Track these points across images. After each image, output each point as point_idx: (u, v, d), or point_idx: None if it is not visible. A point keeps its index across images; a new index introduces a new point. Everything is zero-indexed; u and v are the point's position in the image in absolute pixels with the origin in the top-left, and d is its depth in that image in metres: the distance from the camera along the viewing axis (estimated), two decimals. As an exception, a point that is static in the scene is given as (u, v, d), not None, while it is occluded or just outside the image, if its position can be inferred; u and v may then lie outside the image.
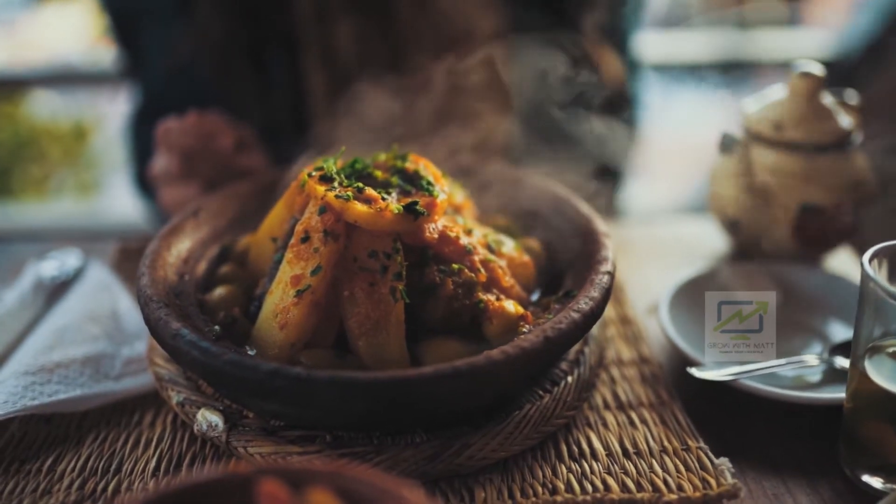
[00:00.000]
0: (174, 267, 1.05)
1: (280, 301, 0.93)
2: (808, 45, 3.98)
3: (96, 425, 1.01)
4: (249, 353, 0.93)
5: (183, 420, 1.00)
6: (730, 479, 0.89)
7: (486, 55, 1.59)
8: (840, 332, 1.18)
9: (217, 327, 0.94)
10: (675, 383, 1.08)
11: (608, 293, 0.97)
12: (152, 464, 0.94)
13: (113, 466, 0.94)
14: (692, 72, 4.12)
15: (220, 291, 1.03)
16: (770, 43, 4.13)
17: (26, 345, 1.11)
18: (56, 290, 1.28)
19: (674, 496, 0.87)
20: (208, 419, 0.93)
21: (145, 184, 1.83)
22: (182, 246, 1.09)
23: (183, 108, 1.41)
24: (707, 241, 1.50)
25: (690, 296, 1.20)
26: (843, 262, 1.41)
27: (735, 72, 4.29)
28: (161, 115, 1.73)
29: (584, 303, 0.93)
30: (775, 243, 1.31)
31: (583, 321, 0.91)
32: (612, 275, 0.99)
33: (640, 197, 2.43)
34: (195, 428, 0.94)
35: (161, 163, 1.35)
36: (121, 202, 3.82)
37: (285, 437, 0.91)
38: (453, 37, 1.70)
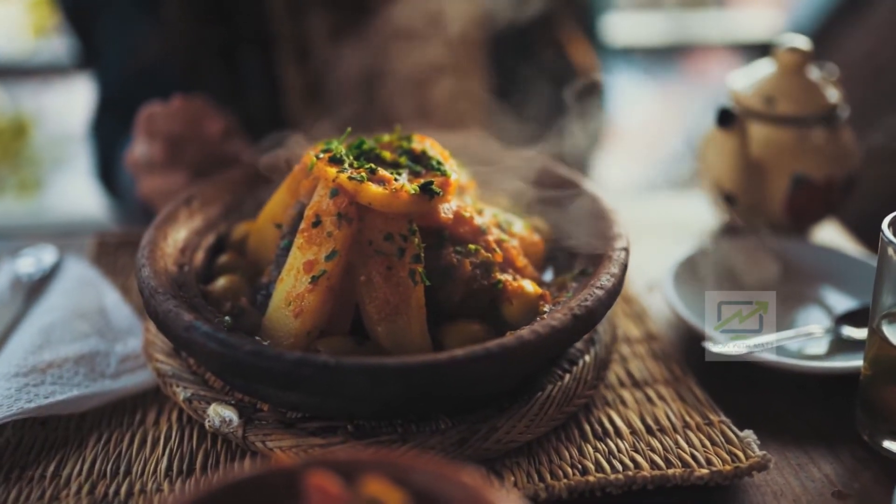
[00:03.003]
0: (172, 258, 1.00)
1: (293, 288, 0.89)
2: (756, 25, 4.06)
3: (97, 426, 0.96)
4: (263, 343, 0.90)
5: (190, 416, 0.96)
6: (758, 451, 0.89)
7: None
8: (838, 301, 1.19)
9: (228, 318, 0.90)
10: (683, 359, 1.08)
11: (626, 269, 0.96)
12: (164, 463, 0.89)
13: (122, 468, 0.89)
14: (635, 54, 4.17)
15: (222, 282, 0.99)
16: (715, 25, 4.21)
17: (11, 345, 1.05)
18: (34, 288, 1.21)
19: (705, 471, 0.86)
20: (221, 414, 0.89)
21: (110, 179, 1.76)
22: (178, 236, 1.04)
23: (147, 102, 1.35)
24: (695, 217, 1.50)
25: (692, 272, 1.20)
26: (831, 234, 1.43)
27: (680, 54, 4.36)
28: (121, 110, 1.66)
29: (605, 279, 0.91)
30: (769, 217, 1.32)
31: (607, 298, 0.90)
32: (628, 251, 0.98)
33: (609, 176, 2.44)
34: (207, 424, 0.90)
35: (142, 150, 1.28)
36: (69, 199, 3.70)
37: (305, 429, 0.88)
38: (428, 28, 1.67)
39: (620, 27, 3.86)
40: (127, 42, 1.62)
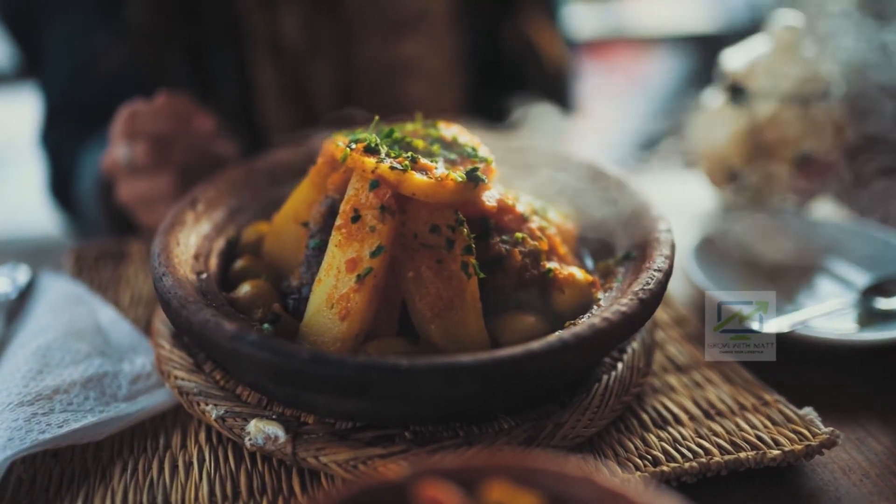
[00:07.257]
0: (189, 264, 0.92)
1: (335, 289, 0.83)
2: (691, 17, 4.15)
3: (118, 455, 0.87)
4: (308, 350, 0.83)
5: (220, 436, 0.88)
6: (823, 428, 0.87)
7: None
8: (849, 273, 1.19)
9: (267, 325, 0.83)
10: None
11: (675, 250, 0.93)
12: (204, 489, 0.81)
13: (159, 498, 0.80)
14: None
15: (248, 288, 0.91)
16: (648, 17, 4.28)
17: (3, 371, 0.94)
18: (13, 308, 1.10)
19: (777, 452, 0.84)
20: (265, 430, 0.82)
21: (64, 193, 1.63)
22: (189, 241, 0.96)
23: (109, 109, 1.24)
24: (690, 197, 1.49)
25: (708, 252, 1.19)
26: (828, 208, 1.44)
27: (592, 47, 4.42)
28: (74, 119, 1.54)
29: (661, 261, 0.88)
30: (774, 192, 1.32)
31: (665, 279, 0.87)
32: (672, 231, 0.95)
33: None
34: (248, 443, 0.82)
35: (123, 152, 1.17)
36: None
37: (360, 439, 0.81)
38: (402, 19, 1.62)
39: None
40: (81, 45, 1.49)
